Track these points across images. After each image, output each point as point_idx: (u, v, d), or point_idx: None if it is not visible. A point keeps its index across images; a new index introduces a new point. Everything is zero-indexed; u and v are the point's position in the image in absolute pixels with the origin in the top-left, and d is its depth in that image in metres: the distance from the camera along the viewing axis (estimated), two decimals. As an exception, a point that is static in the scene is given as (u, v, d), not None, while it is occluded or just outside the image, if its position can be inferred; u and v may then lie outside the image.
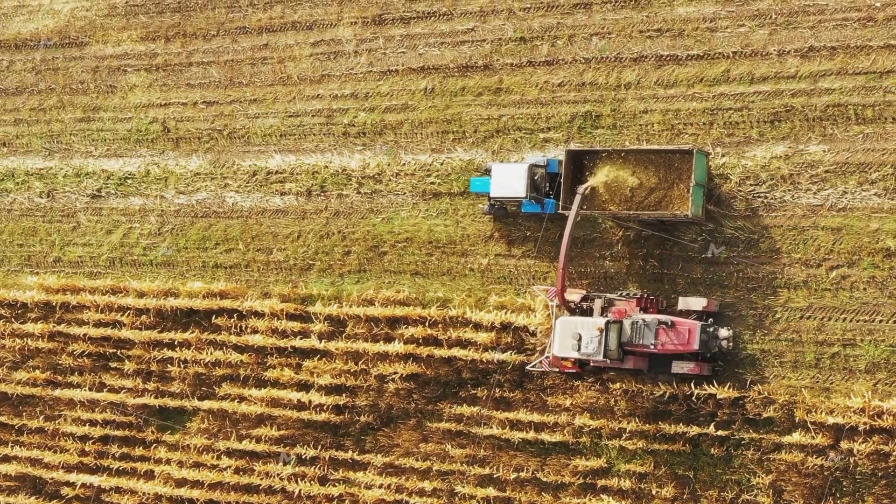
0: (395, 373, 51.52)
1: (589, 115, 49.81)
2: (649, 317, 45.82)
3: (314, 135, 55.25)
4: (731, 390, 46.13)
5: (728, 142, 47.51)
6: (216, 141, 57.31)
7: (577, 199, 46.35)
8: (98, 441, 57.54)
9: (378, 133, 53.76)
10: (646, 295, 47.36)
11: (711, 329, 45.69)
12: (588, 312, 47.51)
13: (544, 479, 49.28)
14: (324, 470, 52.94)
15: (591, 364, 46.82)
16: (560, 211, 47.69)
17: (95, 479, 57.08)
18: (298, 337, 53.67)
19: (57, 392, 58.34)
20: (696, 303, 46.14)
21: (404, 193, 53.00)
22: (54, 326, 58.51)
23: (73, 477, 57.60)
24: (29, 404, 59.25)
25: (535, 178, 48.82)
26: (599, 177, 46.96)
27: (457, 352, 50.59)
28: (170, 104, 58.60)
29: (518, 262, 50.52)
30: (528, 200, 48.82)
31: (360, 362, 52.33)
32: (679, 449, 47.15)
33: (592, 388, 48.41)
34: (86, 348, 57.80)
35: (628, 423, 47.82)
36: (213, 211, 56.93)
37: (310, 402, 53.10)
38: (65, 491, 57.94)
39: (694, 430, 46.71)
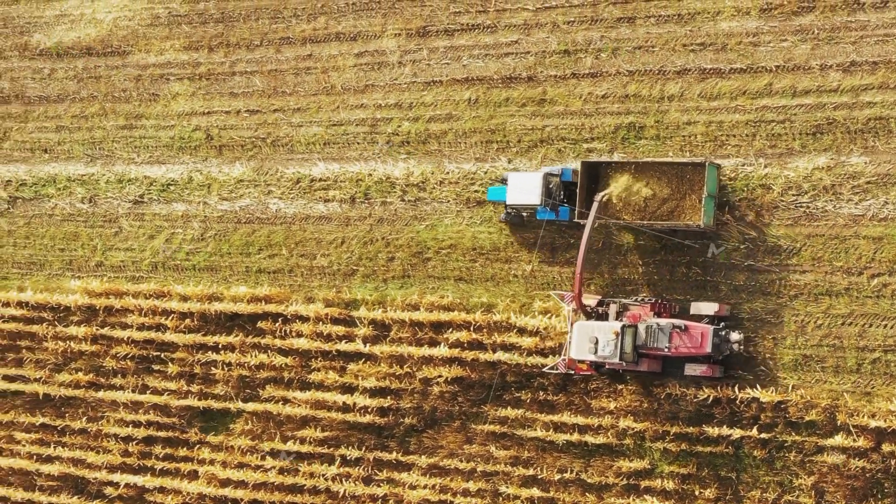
0: (440, 376, 52.72)
1: (633, 126, 51.19)
2: (663, 321, 47.36)
3: (358, 143, 56.46)
4: (773, 394, 47.48)
5: (771, 153, 48.94)
6: (259, 149, 58.51)
7: (594, 206, 47.91)
8: (141, 442, 58.58)
9: (422, 142, 54.99)
10: (659, 300, 48.80)
11: (723, 332, 47.27)
12: (603, 317, 49.00)
13: (588, 480, 50.52)
14: (368, 471, 54.06)
15: (607, 366, 48.23)
16: (576, 219, 49.31)
17: (139, 479, 58.09)
18: (343, 341, 54.80)
19: (100, 394, 59.35)
20: (708, 307, 47.66)
21: (448, 201, 54.25)
22: (97, 329, 59.61)
23: (116, 477, 58.60)
24: (71, 406, 60.28)
25: (550, 186, 50.35)
26: (615, 186, 48.47)
27: (501, 356, 51.76)
28: (213, 112, 59.77)
29: (562, 269, 51.82)
30: (543, 208, 50.28)
31: (404, 366, 53.48)
32: (722, 451, 48.47)
33: (636, 391, 49.68)
34: (129, 351, 58.87)
35: (672, 426, 49.12)
36: (256, 217, 58.09)
37: (354, 404, 54.27)
38: (108, 491, 58.96)
39: (737, 433, 48.02)
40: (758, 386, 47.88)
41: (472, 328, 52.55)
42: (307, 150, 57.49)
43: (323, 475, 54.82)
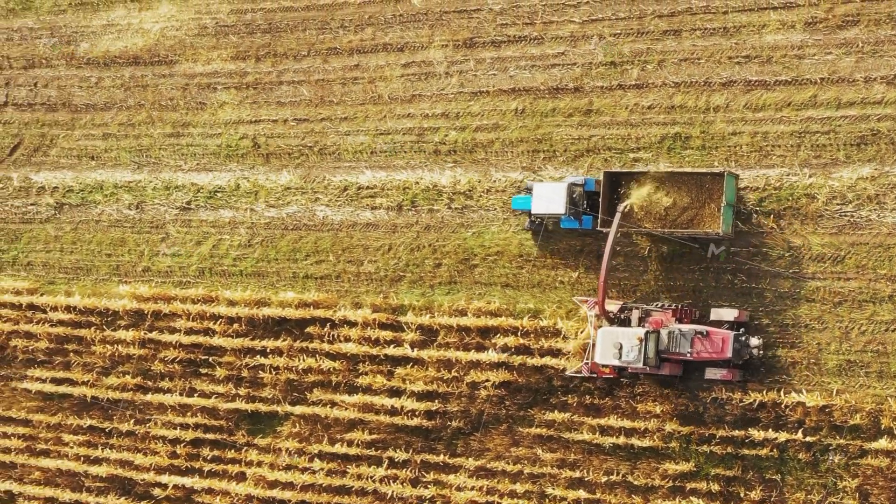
0: (488, 380, 53.84)
1: (678, 136, 52.41)
2: (685, 326, 48.70)
3: (405, 152, 57.63)
4: (818, 398, 48.64)
5: (815, 163, 50.17)
6: (306, 157, 59.68)
7: (618, 216, 49.37)
8: (189, 444, 59.56)
9: (469, 151, 56.16)
10: (681, 306, 50.13)
11: (743, 338, 48.72)
12: (626, 322, 50.39)
13: (634, 482, 51.62)
14: (415, 472, 55.13)
15: (630, 370, 49.73)
16: (598, 227, 50.85)
17: (187, 481, 59.09)
18: (391, 345, 55.92)
19: (148, 397, 60.41)
20: (728, 313, 49.11)
21: (495, 209, 55.41)
22: (145, 334, 60.68)
23: (164, 478, 59.58)
24: (118, 408, 61.25)
25: (574, 195, 51.70)
26: (636, 196, 49.81)
27: (548, 360, 52.90)
28: (260, 121, 60.95)
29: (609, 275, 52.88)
30: (567, 216, 51.67)
31: (452, 370, 54.59)
32: (767, 454, 49.58)
33: (683, 395, 50.82)
34: (177, 355, 59.93)
35: (717, 430, 50.24)
36: (303, 224, 59.23)
37: (402, 407, 55.37)
38: (155, 492, 59.97)
39: (782, 436, 49.16)
40: (803, 390, 48.97)
41: (518, 333, 53.65)
42: (354, 158, 58.66)
43: (371, 477, 55.87)
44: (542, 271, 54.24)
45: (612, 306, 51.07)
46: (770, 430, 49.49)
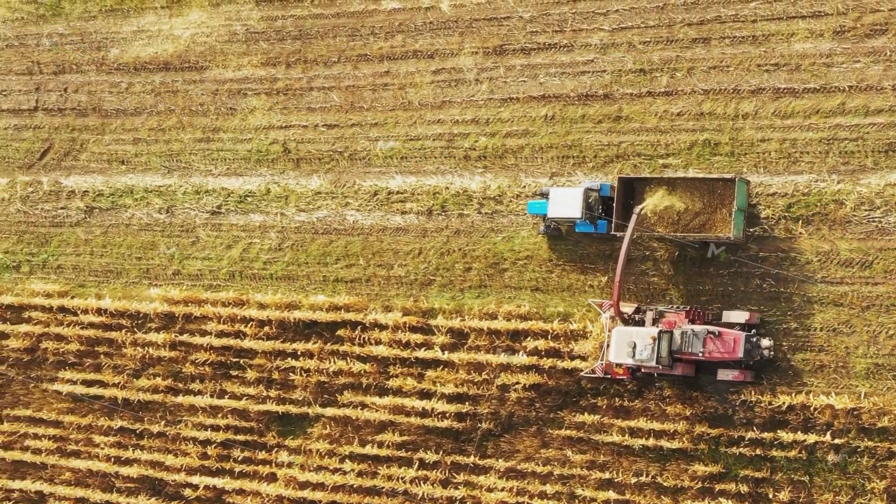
0: (518, 383, 54.60)
1: (708, 142, 53.22)
2: (698, 327, 49.70)
3: (435, 157, 58.42)
4: (847, 401, 49.41)
5: (843, 170, 50.99)
6: (337, 162, 60.48)
7: (633, 219, 50.39)
8: (219, 445, 60.28)
9: (499, 156, 56.98)
10: (693, 307, 51.06)
11: (755, 339, 49.68)
12: (640, 323, 51.35)
13: (664, 484, 52.38)
14: (446, 474, 55.87)
15: (643, 370, 50.71)
16: (612, 231, 51.90)
17: (217, 481, 59.79)
18: (422, 348, 56.68)
19: (178, 398, 61.14)
20: (739, 315, 50.13)
21: (525, 214, 56.16)
22: (176, 336, 61.42)
23: (195, 479, 60.30)
24: (149, 410, 62.05)
25: (590, 200, 52.60)
26: (651, 201, 50.72)
27: (578, 363, 53.67)
28: (290, 126, 61.78)
29: (638, 279, 53.72)
30: (583, 221, 52.58)
31: (482, 373, 55.36)
32: (795, 455, 50.34)
33: (712, 398, 51.57)
34: (208, 357, 60.66)
35: (746, 432, 51.00)
36: (333, 228, 60.02)
37: (432, 409, 56.13)
38: (186, 492, 60.69)
39: (811, 438, 49.92)
40: (832, 393, 49.74)
41: (549, 336, 54.42)
42: (384, 163, 59.44)
43: (401, 478, 56.58)
44: (571, 275, 55.00)
45: (627, 308, 51.89)
46: (799, 432, 50.16)
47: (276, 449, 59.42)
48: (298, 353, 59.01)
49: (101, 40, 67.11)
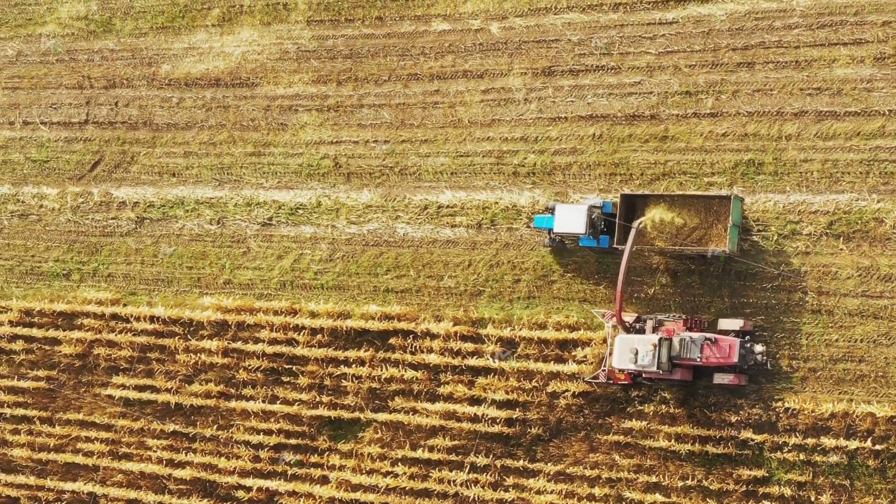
0: (567, 390, 57.03)
1: (752, 162, 55.88)
2: (696, 334, 52.85)
3: (484, 173, 60.84)
4: (887, 409, 52.07)
5: (883, 189, 53.72)
6: (387, 177, 62.81)
7: (633, 232, 53.65)
8: (271, 449, 62.39)
9: (547, 173, 59.45)
10: (691, 316, 54.34)
11: (748, 345, 52.93)
12: (640, 332, 54.48)
13: (709, 487, 54.84)
14: (496, 477, 58.19)
15: (644, 376, 53.81)
16: (614, 245, 55.07)
17: (270, 483, 61.89)
18: (473, 357, 59.02)
19: (231, 403, 63.23)
20: (734, 323, 53.49)
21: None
22: (229, 343, 63.53)
23: (247, 481, 62.37)
24: (201, 414, 64.06)
25: (593, 217, 55.51)
26: (650, 216, 54.10)
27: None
28: (341, 142, 64.05)
29: (683, 292, 56.26)
30: (586, 236, 55.63)
31: (532, 380, 57.74)
32: (837, 460, 52.94)
33: (756, 405, 54.12)
34: (260, 364, 62.79)
35: (790, 437, 53.56)
36: (383, 240, 62.33)
37: (483, 415, 58.46)
38: (238, 494, 62.73)
39: (853, 444, 52.53)
40: (873, 401, 52.40)
41: (597, 345, 56.89)
42: (434, 178, 61.79)
43: (452, 481, 58.84)
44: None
45: (628, 317, 55.05)
46: (840, 438, 52.75)
47: (327, 452, 61.47)
48: (350, 360, 61.19)
49: (153, 56, 69.17)
